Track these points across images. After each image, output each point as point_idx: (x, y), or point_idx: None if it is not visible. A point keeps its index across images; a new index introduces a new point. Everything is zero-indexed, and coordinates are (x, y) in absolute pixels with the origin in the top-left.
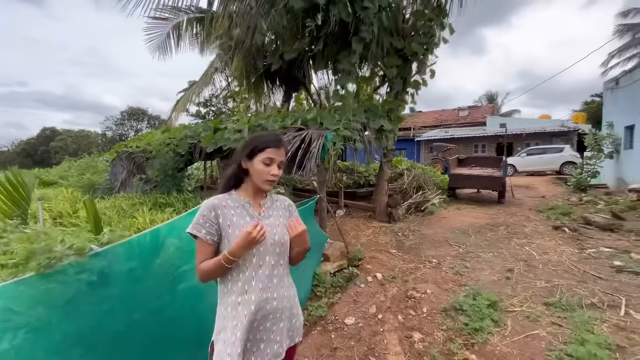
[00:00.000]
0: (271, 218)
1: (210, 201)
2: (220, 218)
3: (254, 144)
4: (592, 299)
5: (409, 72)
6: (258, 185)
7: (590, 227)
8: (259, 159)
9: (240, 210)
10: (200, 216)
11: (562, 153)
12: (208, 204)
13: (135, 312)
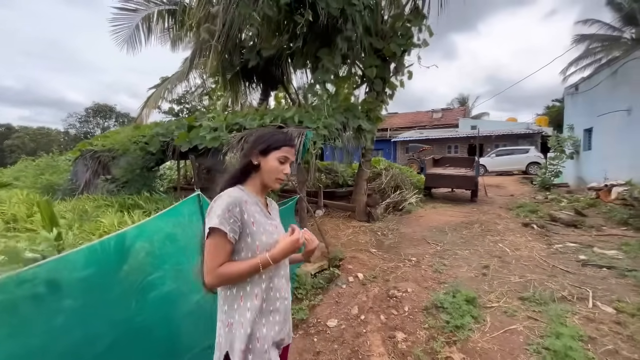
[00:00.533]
0: (277, 219)
1: (232, 194)
2: (244, 214)
3: (269, 141)
4: (563, 292)
5: (387, 73)
6: (267, 183)
7: (556, 224)
8: (275, 156)
9: (258, 209)
10: (225, 210)
11: (528, 154)
12: (232, 198)
13: (96, 325)
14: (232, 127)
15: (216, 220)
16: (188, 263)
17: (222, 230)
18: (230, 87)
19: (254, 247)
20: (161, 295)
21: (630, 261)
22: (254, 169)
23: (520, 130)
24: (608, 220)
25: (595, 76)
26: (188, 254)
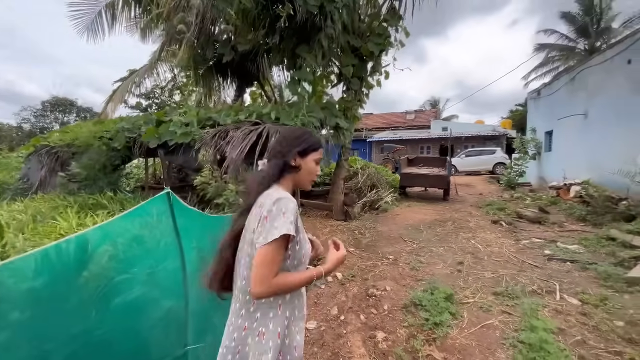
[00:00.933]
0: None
1: (290, 197)
2: (299, 219)
3: (308, 142)
4: (532, 286)
5: (364, 72)
6: (303, 184)
7: (522, 221)
8: (313, 157)
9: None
10: (292, 214)
11: (495, 155)
12: (293, 202)
13: (48, 340)
14: (205, 123)
15: (291, 227)
16: (158, 266)
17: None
18: (203, 82)
19: (300, 255)
20: (127, 302)
21: (590, 255)
22: (289, 170)
23: (487, 132)
24: (569, 216)
25: (555, 82)
26: (158, 256)
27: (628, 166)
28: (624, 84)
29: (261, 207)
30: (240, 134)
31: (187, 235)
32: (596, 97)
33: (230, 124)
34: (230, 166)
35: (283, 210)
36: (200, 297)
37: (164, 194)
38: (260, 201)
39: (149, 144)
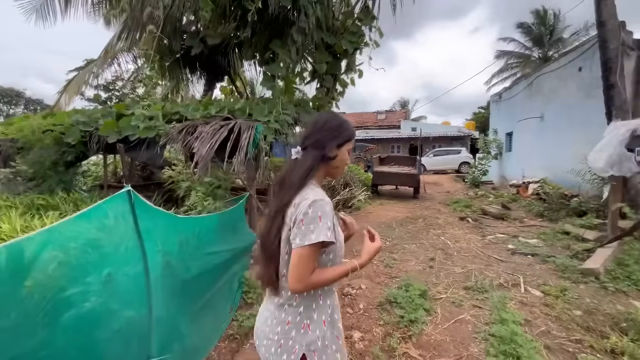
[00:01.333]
0: None
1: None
2: (334, 217)
3: (347, 133)
4: (499, 280)
5: (338, 70)
6: (335, 174)
7: (487, 217)
8: (347, 147)
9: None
10: (329, 218)
11: (460, 154)
12: (329, 204)
13: None
14: (171, 117)
15: (328, 233)
16: (117, 273)
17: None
18: (170, 75)
19: (336, 249)
20: (81, 315)
21: (548, 248)
22: (326, 161)
23: (453, 133)
24: (528, 212)
25: (515, 87)
26: (117, 261)
27: (579, 165)
28: (575, 90)
29: (296, 207)
30: (210, 129)
31: (151, 238)
32: (551, 101)
33: (199, 118)
34: (199, 163)
35: (319, 213)
36: (166, 304)
37: (123, 192)
38: (296, 201)
39: (108, 139)
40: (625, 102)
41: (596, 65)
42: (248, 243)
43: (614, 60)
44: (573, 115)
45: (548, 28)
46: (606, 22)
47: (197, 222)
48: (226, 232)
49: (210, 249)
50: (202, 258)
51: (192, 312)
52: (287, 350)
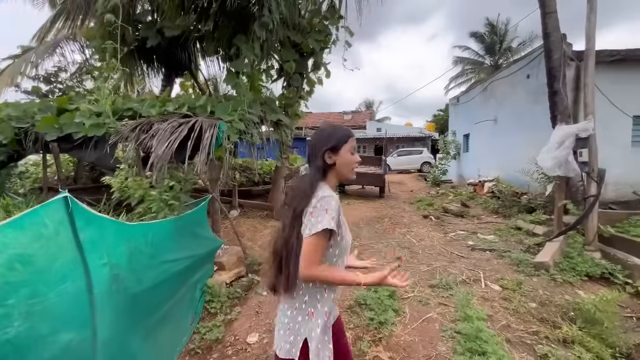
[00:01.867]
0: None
1: (333, 195)
2: (340, 214)
3: (335, 138)
4: (462, 276)
5: (306, 69)
6: (345, 176)
7: (448, 215)
8: (346, 149)
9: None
10: (336, 212)
11: (422, 155)
12: (336, 199)
13: None
14: (123, 114)
15: (332, 222)
16: (52, 291)
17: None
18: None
19: (342, 244)
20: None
21: (503, 243)
22: (329, 167)
23: (415, 134)
24: (484, 210)
25: (471, 91)
26: (53, 278)
27: (528, 166)
28: (524, 96)
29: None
30: (168, 127)
31: (95, 249)
32: (503, 106)
33: (156, 115)
34: (156, 164)
35: (326, 207)
36: (114, 322)
37: (59, 198)
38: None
39: (46, 137)
40: (567, 107)
41: (542, 73)
42: (211, 248)
43: (558, 69)
44: (522, 119)
45: (499, 37)
46: (551, 34)
47: (150, 228)
48: (185, 238)
49: (166, 257)
50: (158, 267)
51: (146, 327)
52: (294, 332)
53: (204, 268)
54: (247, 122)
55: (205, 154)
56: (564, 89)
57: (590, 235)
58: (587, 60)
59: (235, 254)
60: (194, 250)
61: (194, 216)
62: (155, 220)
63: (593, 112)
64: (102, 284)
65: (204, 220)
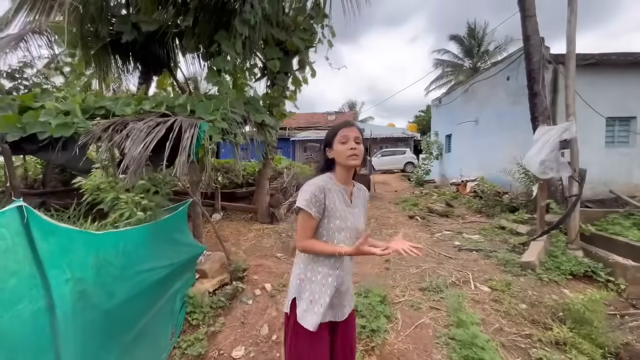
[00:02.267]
0: (357, 207)
1: (318, 183)
2: (327, 200)
3: (328, 134)
4: (451, 277)
5: (290, 68)
6: (345, 164)
7: (433, 215)
8: (336, 141)
9: (339, 196)
10: (312, 196)
11: (405, 155)
12: (318, 186)
13: None
14: (94, 113)
15: (303, 202)
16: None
17: (307, 211)
18: (96, 64)
19: (328, 227)
20: None
21: (489, 243)
22: (333, 161)
23: (398, 134)
24: (468, 209)
25: (453, 92)
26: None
27: (509, 165)
28: (504, 97)
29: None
30: (144, 127)
31: (57, 264)
32: (484, 107)
33: (131, 115)
34: (130, 166)
35: (304, 190)
36: (81, 345)
37: (13, 208)
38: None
39: (7, 137)
40: (546, 109)
41: (522, 76)
42: (192, 255)
43: (537, 72)
44: (503, 120)
45: (477, 41)
46: (530, 37)
47: (122, 236)
48: (163, 245)
49: (141, 267)
50: (132, 279)
51: (121, 346)
52: (289, 291)
53: (185, 276)
54: (230, 122)
55: (185, 156)
56: (543, 91)
57: (573, 234)
58: (568, 62)
59: (218, 260)
60: (173, 258)
61: (172, 221)
62: (127, 228)
63: (574, 113)
64: (65, 302)
65: (184, 226)
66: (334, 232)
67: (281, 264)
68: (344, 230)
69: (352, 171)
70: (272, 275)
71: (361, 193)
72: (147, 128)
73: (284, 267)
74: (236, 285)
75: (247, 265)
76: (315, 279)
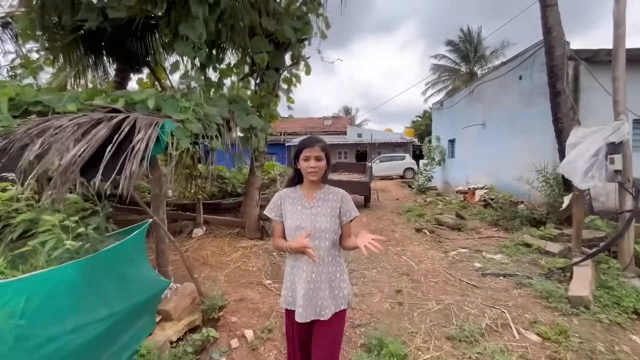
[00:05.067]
0: (319, 208)
1: (280, 192)
2: (283, 205)
3: (296, 149)
4: (484, 318)
5: (282, 63)
6: (307, 178)
7: (442, 227)
8: (301, 158)
9: (296, 201)
10: (272, 203)
11: (404, 160)
12: (278, 195)
13: None
14: (28, 108)
15: (266, 210)
16: None
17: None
18: (64, 60)
19: (286, 227)
20: None
21: (515, 265)
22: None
23: (396, 139)
24: (482, 221)
25: (456, 95)
26: None
27: (522, 172)
28: (516, 98)
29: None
30: (70, 125)
31: None
32: (492, 109)
33: (74, 110)
34: (56, 180)
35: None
36: None
37: None
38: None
39: None
40: (571, 108)
41: (536, 74)
42: (150, 294)
43: (560, 67)
44: (514, 123)
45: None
46: (552, 29)
47: (29, 284)
48: (102, 288)
49: (58, 330)
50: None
51: None
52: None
53: (138, 324)
54: (208, 123)
55: (137, 163)
56: (567, 89)
57: (627, 257)
58: (617, 49)
59: (189, 294)
60: (119, 304)
61: (119, 252)
62: (34, 273)
63: (625, 111)
64: None
65: (140, 255)
66: (290, 231)
67: (269, 296)
68: (300, 229)
69: (314, 182)
70: (255, 315)
71: (330, 196)
72: (73, 127)
73: (272, 300)
74: (207, 333)
75: (224, 301)
76: (287, 270)
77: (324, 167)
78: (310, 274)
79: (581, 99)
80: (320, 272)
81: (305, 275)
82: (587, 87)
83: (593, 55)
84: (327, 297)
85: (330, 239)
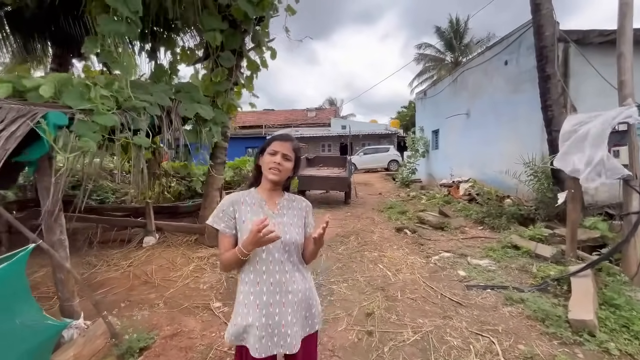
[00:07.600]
0: (285, 217)
1: (230, 196)
2: (237, 213)
3: (265, 142)
4: (469, 352)
5: (241, 45)
6: (266, 177)
7: (425, 227)
8: (267, 151)
9: (256, 208)
10: (220, 210)
11: (389, 152)
12: (228, 199)
13: None
14: None
15: (210, 219)
16: None
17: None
18: None
19: (242, 239)
20: None
21: (503, 272)
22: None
23: (381, 131)
24: (467, 219)
25: (440, 83)
26: None
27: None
28: (502, 84)
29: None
30: None
31: None
32: (477, 97)
33: None
34: None
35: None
36: None
37: None
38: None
39: None
40: (562, 94)
41: (523, 58)
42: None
43: (551, 49)
44: (500, 111)
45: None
46: (541, 6)
47: None
48: None
49: None
50: None
51: None
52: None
53: None
54: (137, 113)
55: None
56: (557, 72)
57: (633, 266)
58: (623, 18)
59: (102, 334)
60: None
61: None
62: None
63: (632, 94)
64: None
65: (20, 291)
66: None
67: (212, 326)
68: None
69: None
70: (188, 356)
71: (295, 204)
72: None
73: (214, 332)
74: None
75: (149, 340)
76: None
77: (289, 170)
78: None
79: (570, 85)
80: (287, 291)
81: (266, 297)
82: (577, 72)
83: (583, 36)
84: (297, 324)
85: (298, 253)
